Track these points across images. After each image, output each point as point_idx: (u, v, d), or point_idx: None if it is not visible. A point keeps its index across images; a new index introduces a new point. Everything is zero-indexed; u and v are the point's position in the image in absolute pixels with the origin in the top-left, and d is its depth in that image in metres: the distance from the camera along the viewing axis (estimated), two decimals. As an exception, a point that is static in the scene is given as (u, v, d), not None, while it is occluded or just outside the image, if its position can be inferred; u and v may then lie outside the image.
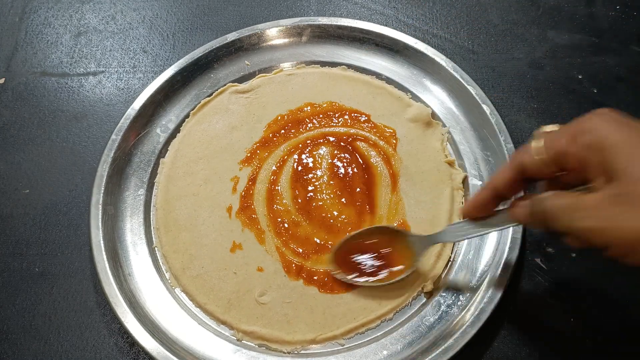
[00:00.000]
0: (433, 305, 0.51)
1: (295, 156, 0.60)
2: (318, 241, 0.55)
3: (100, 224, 0.55)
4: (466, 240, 0.54)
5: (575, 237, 0.37)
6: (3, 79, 0.70)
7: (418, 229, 0.55)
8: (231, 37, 0.67)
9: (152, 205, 0.59)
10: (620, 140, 0.34)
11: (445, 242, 0.53)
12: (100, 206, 0.56)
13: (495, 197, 0.44)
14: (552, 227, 0.38)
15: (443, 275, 0.53)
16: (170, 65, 0.65)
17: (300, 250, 0.54)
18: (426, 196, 0.56)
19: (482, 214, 0.46)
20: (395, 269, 0.51)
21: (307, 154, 0.60)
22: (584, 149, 0.36)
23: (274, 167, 0.60)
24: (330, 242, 0.54)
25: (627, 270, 0.52)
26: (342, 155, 0.60)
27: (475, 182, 0.57)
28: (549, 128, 0.40)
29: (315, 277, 0.53)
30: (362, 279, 0.51)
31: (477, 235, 0.48)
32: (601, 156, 0.35)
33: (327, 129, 0.62)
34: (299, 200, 0.57)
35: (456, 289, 0.52)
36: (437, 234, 0.50)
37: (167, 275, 0.55)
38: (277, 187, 0.58)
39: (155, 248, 0.57)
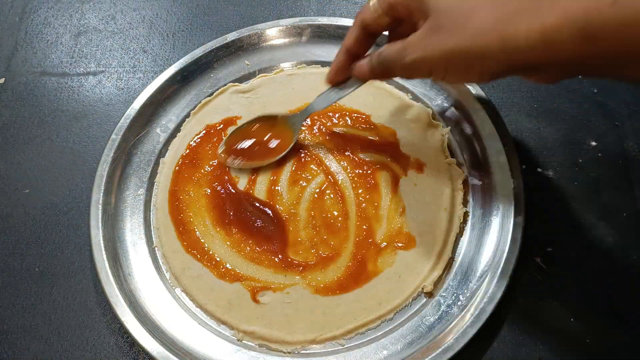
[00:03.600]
0: (433, 305, 0.51)
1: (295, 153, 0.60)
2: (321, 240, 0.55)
3: (100, 224, 0.55)
4: (466, 240, 0.54)
5: (413, 72, 0.44)
6: (3, 79, 0.70)
7: (418, 228, 0.55)
8: (231, 37, 0.67)
9: (152, 205, 0.59)
10: None
11: (317, 110, 0.57)
12: (100, 206, 0.56)
13: (350, 58, 0.50)
14: (392, 73, 0.45)
15: (443, 275, 0.53)
16: (170, 65, 0.65)
17: (301, 251, 0.54)
18: (426, 197, 0.56)
19: (342, 77, 0.52)
20: (273, 143, 0.59)
21: (308, 156, 0.60)
22: None
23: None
24: (331, 242, 0.54)
25: (627, 270, 0.52)
26: (343, 155, 0.60)
27: (475, 182, 0.57)
28: None
29: (313, 284, 0.53)
30: (239, 162, 0.58)
31: (341, 97, 0.54)
32: (415, 2, 0.42)
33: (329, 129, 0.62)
34: (299, 200, 0.57)
35: (456, 289, 0.52)
36: (308, 106, 0.56)
37: (167, 275, 0.55)
38: (277, 188, 0.58)
39: (156, 248, 0.57)
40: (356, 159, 0.59)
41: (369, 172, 0.58)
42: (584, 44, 0.34)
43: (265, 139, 0.59)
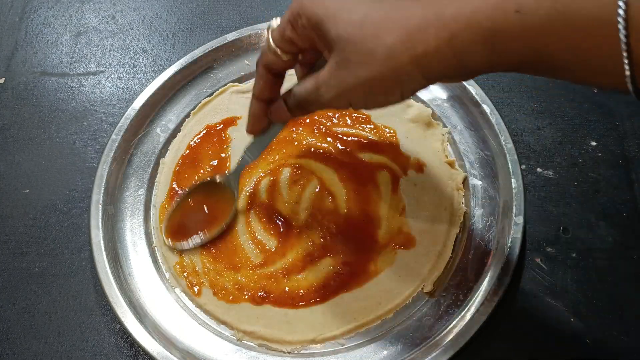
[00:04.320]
0: (433, 305, 0.51)
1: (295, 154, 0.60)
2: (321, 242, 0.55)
3: (100, 224, 0.55)
4: (466, 241, 0.54)
5: (332, 108, 0.43)
6: (3, 79, 0.70)
7: (418, 229, 0.55)
8: (231, 37, 0.67)
9: (152, 205, 0.59)
10: (324, 12, 0.37)
11: (247, 165, 0.55)
12: (100, 206, 0.56)
13: (264, 104, 0.47)
14: (311, 110, 0.43)
15: (443, 275, 0.53)
16: (170, 65, 0.65)
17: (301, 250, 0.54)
18: (426, 196, 0.56)
19: (263, 125, 0.49)
20: (216, 211, 0.55)
21: (308, 156, 0.60)
22: (305, 31, 0.39)
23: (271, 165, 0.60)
24: (331, 242, 0.55)
25: (627, 270, 0.52)
26: (342, 155, 0.60)
27: (475, 182, 0.57)
28: (274, 23, 0.43)
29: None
30: (193, 241, 0.55)
31: (271, 140, 0.52)
32: (317, 33, 0.38)
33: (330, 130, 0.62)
34: (299, 200, 0.57)
35: (456, 289, 0.52)
36: (241, 161, 0.54)
37: (167, 275, 0.55)
38: (276, 188, 0.58)
39: (156, 248, 0.57)
40: (356, 159, 0.59)
41: (369, 172, 0.58)
42: (492, 54, 0.33)
43: (206, 209, 0.56)
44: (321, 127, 0.61)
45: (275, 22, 0.43)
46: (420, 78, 0.36)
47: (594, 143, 0.59)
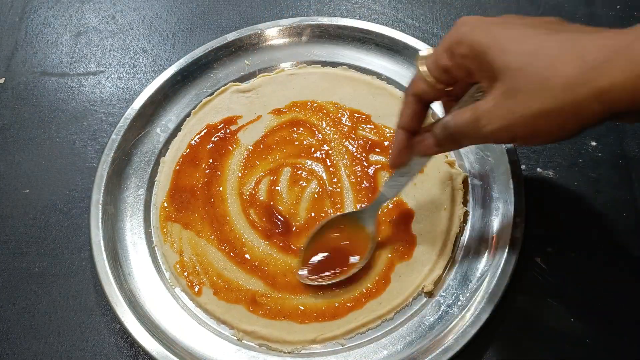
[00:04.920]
0: (433, 305, 0.51)
1: (295, 154, 0.60)
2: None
3: (100, 224, 0.55)
4: (466, 241, 0.54)
5: (493, 141, 0.41)
6: (3, 79, 0.70)
7: (418, 229, 0.55)
8: (231, 37, 0.67)
9: (152, 204, 0.59)
10: (488, 41, 0.36)
11: (387, 201, 0.53)
12: (100, 206, 0.56)
13: (408, 136, 0.45)
14: (463, 144, 0.42)
15: (443, 275, 0.53)
16: (170, 65, 0.65)
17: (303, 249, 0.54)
18: (426, 196, 0.56)
19: (406, 158, 0.47)
20: (352, 260, 0.52)
21: (308, 156, 0.60)
22: (462, 60, 0.38)
23: (271, 165, 0.60)
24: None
25: (627, 270, 0.52)
26: (343, 155, 0.60)
27: (475, 182, 0.57)
28: (425, 52, 0.42)
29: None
30: (327, 280, 0.52)
31: (410, 179, 0.50)
32: (478, 62, 0.37)
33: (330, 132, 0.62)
34: (299, 200, 0.57)
35: (456, 289, 0.52)
36: (378, 197, 0.52)
37: (167, 274, 0.55)
38: (276, 188, 0.58)
39: (155, 247, 0.57)
40: (356, 158, 0.59)
41: (369, 172, 0.58)
42: None
43: (342, 244, 0.54)
44: (321, 127, 0.62)
45: (426, 51, 0.42)
46: (599, 113, 0.33)
47: (594, 143, 0.59)
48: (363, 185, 0.58)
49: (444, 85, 0.42)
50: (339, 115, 0.62)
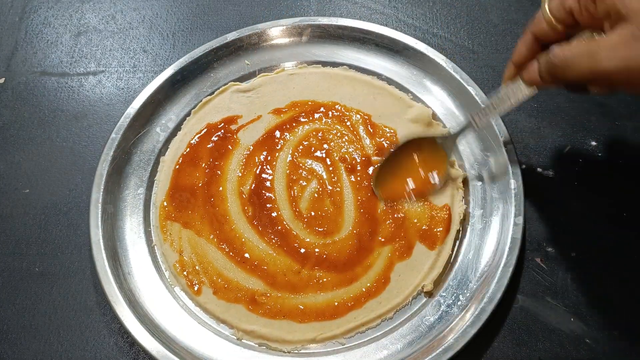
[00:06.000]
0: (433, 305, 0.51)
1: (295, 154, 0.60)
2: (320, 242, 0.55)
3: (100, 223, 0.55)
4: (466, 240, 0.54)
5: (597, 82, 0.39)
6: (3, 79, 0.70)
7: (418, 229, 0.55)
8: (231, 36, 0.67)
9: (151, 203, 0.59)
10: None
11: (473, 128, 0.53)
12: (100, 205, 0.56)
13: (517, 70, 0.47)
14: (570, 77, 0.40)
15: (443, 275, 0.53)
16: (170, 65, 0.65)
17: (303, 251, 0.54)
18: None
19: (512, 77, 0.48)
20: (434, 178, 0.54)
21: (308, 156, 0.60)
22: (590, 1, 0.39)
23: (274, 163, 0.60)
24: (332, 241, 0.54)
25: (627, 270, 0.52)
26: (343, 156, 0.60)
27: (475, 182, 0.57)
28: None
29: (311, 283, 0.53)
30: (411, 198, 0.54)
31: (500, 113, 0.51)
32: (606, 4, 0.37)
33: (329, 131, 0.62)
34: (299, 201, 0.57)
35: (456, 289, 0.52)
36: (464, 124, 0.53)
37: (167, 274, 0.55)
38: (276, 188, 0.58)
39: (155, 247, 0.57)
40: (356, 159, 0.59)
41: (368, 171, 0.58)
42: None
43: (418, 164, 0.56)
44: (322, 127, 0.62)
45: None
46: None
47: (594, 143, 0.59)
48: (363, 184, 0.58)
49: (564, 27, 0.42)
50: (339, 115, 0.62)
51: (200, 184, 0.59)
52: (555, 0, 0.42)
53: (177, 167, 0.60)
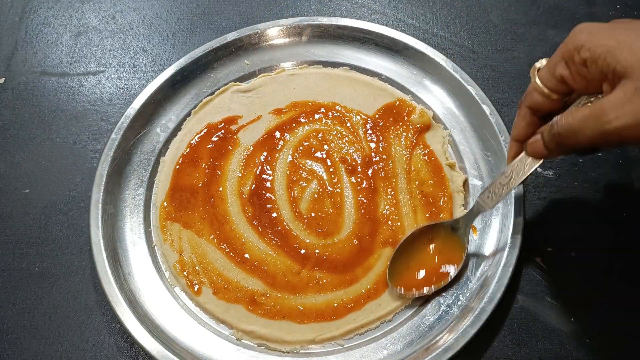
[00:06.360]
0: (433, 305, 0.51)
1: (295, 155, 0.60)
2: (320, 243, 0.55)
3: (100, 223, 0.55)
4: (466, 241, 0.54)
5: (607, 142, 0.38)
6: (3, 79, 0.70)
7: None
8: (231, 36, 0.67)
9: (151, 204, 0.59)
10: (613, 43, 0.36)
11: (484, 211, 0.51)
12: (100, 205, 0.56)
13: (521, 147, 0.46)
14: (580, 142, 0.39)
15: (443, 275, 0.53)
16: (170, 65, 0.65)
17: (303, 251, 0.54)
18: (426, 196, 0.57)
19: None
20: (447, 268, 0.51)
21: (309, 157, 0.60)
22: (582, 66, 0.38)
23: (274, 164, 0.60)
24: (332, 241, 0.54)
25: (627, 270, 0.52)
26: (343, 157, 0.60)
27: (475, 183, 0.57)
28: (539, 64, 0.42)
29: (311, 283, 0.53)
30: (426, 289, 0.51)
31: (509, 192, 0.48)
32: (602, 65, 0.37)
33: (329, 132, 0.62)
34: (299, 201, 0.57)
35: (456, 289, 0.52)
36: (473, 208, 0.51)
37: (167, 274, 0.55)
38: (276, 188, 0.58)
39: (155, 247, 0.57)
40: (357, 160, 0.59)
41: (368, 172, 0.58)
42: None
43: (432, 256, 0.53)
44: (322, 128, 0.62)
45: (540, 62, 0.42)
46: None
47: (594, 143, 0.59)
48: (363, 185, 0.58)
49: (559, 96, 0.41)
50: (340, 116, 0.62)
51: (200, 185, 0.59)
52: (544, 70, 0.42)
53: (177, 167, 0.60)
